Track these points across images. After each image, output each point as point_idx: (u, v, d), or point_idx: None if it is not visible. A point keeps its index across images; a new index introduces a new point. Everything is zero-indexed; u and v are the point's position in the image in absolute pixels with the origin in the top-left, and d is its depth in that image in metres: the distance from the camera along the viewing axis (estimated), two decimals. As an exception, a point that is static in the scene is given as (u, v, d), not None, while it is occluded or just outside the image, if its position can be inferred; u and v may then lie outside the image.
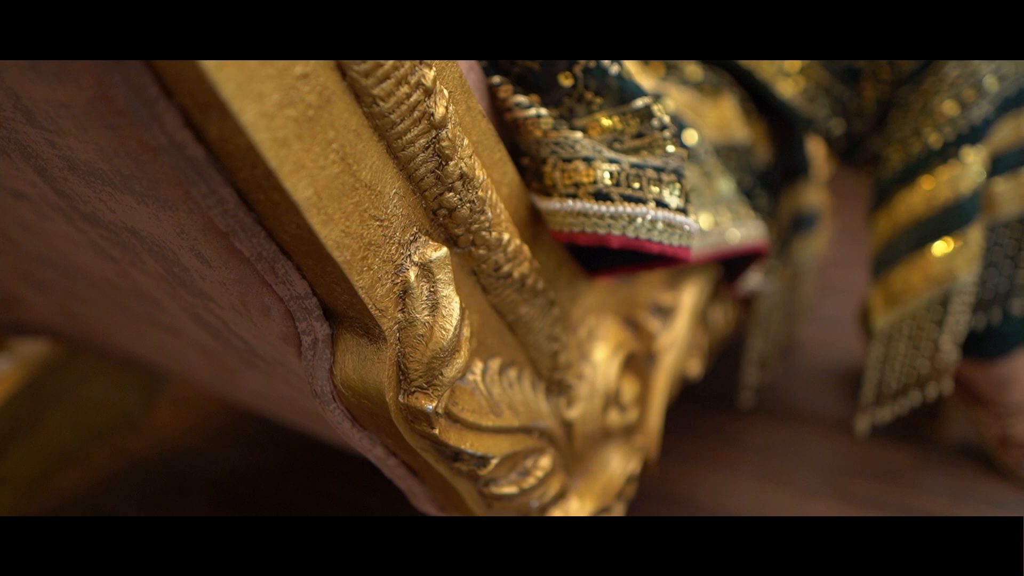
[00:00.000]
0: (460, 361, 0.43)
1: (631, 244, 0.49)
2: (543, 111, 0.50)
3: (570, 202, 0.49)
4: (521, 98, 0.50)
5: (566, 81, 0.50)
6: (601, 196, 0.48)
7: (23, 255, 0.64)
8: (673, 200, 0.49)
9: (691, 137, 0.82)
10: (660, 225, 0.49)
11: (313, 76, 0.33)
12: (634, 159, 0.49)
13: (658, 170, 0.49)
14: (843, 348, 1.19)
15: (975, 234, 0.80)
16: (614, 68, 0.50)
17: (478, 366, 0.49)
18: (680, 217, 0.50)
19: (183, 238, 0.40)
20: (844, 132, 0.91)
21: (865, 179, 0.95)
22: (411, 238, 0.41)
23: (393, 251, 0.40)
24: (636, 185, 0.48)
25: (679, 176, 0.50)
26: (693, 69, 0.92)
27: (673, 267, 0.55)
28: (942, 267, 0.82)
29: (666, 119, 0.50)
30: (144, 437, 1.06)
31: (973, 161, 0.78)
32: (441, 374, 0.42)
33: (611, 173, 0.48)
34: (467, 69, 0.49)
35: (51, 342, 0.94)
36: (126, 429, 1.03)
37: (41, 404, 0.92)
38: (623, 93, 0.50)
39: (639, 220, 0.48)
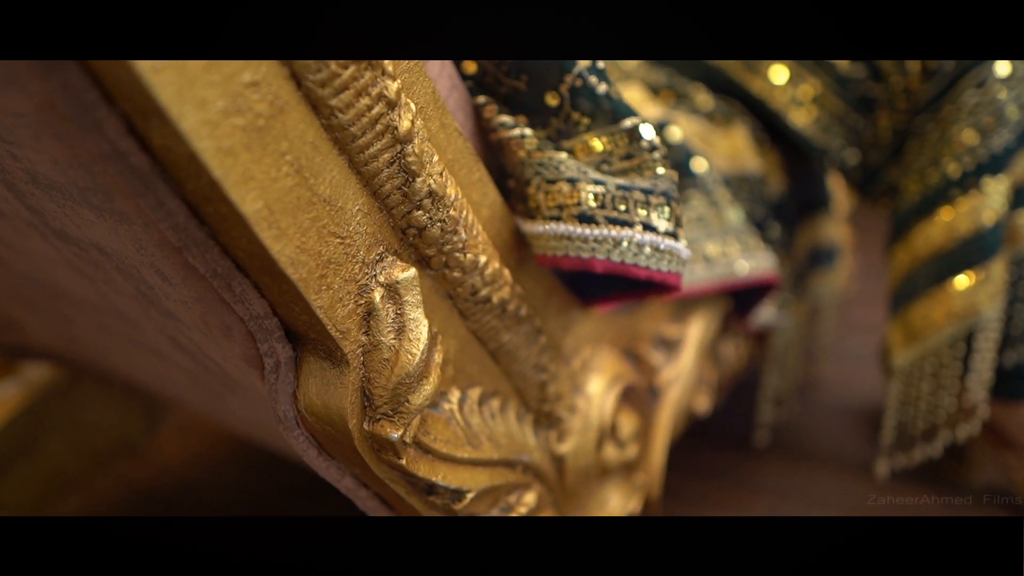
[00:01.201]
0: (428, 388, 0.41)
1: (616, 269, 0.47)
2: (527, 131, 0.48)
3: (553, 225, 0.47)
4: (506, 118, 0.49)
5: (552, 101, 0.49)
6: (585, 219, 0.46)
7: (11, 275, 0.64)
8: (662, 224, 0.47)
9: (700, 165, 0.80)
10: (647, 249, 0.47)
11: (264, 84, 0.32)
12: (621, 180, 0.47)
13: (646, 192, 0.47)
14: (865, 387, 1.14)
15: (998, 267, 0.76)
16: (602, 87, 0.48)
17: (455, 394, 0.47)
18: (669, 242, 0.48)
19: (142, 254, 0.38)
20: (859, 163, 0.89)
21: (884, 212, 0.92)
22: (377, 257, 0.39)
23: (356, 270, 0.38)
24: (622, 207, 0.46)
25: (669, 199, 0.48)
26: (704, 98, 0.91)
27: (665, 295, 0.53)
28: (964, 302, 0.78)
29: (656, 140, 0.48)
30: (145, 464, 1.05)
31: (994, 191, 0.75)
32: (407, 401, 0.40)
33: (596, 195, 0.46)
34: (450, 88, 0.47)
35: (54, 366, 0.94)
36: (127, 455, 1.01)
37: (41, 428, 0.91)
38: (611, 113, 0.48)
39: (624, 244, 0.46)
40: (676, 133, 0.80)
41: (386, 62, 0.35)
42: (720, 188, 0.81)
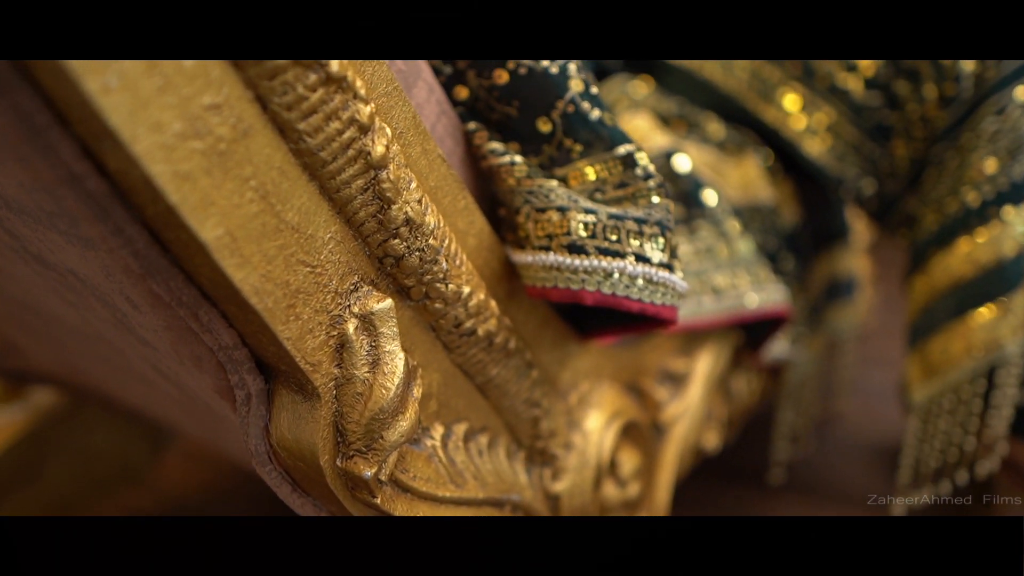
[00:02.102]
0: (404, 424, 0.39)
1: (607, 301, 0.45)
2: (517, 158, 0.47)
3: (542, 255, 0.45)
4: (496, 145, 0.47)
5: (544, 127, 0.47)
6: (575, 249, 0.44)
7: (7, 300, 0.63)
8: (655, 255, 0.45)
9: (710, 198, 0.78)
10: (640, 281, 0.45)
11: (226, 107, 0.31)
12: (614, 210, 0.46)
13: (639, 222, 0.45)
14: (886, 423, 1.11)
15: (1021, 300, 0.73)
16: (595, 113, 0.47)
17: (438, 430, 0.45)
18: (663, 273, 0.46)
19: (111, 280, 0.37)
20: (876, 192, 0.86)
21: (903, 243, 0.89)
22: (351, 287, 0.38)
23: (328, 300, 0.36)
24: (614, 237, 0.45)
25: (663, 229, 0.46)
26: (715, 127, 0.89)
27: (662, 329, 0.51)
28: (985, 336, 0.75)
29: (651, 168, 0.47)
30: (148, 492, 1.04)
31: (1016, 221, 0.72)
32: (382, 437, 0.38)
33: (586, 224, 0.44)
34: (438, 113, 0.46)
35: (58, 391, 0.93)
36: (129, 483, 1.00)
37: (42, 454, 0.91)
38: (605, 140, 0.47)
39: (616, 275, 0.44)
40: (684, 163, 0.78)
41: (358, 85, 0.34)
42: (730, 219, 0.79)
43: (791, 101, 0.87)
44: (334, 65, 0.32)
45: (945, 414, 0.80)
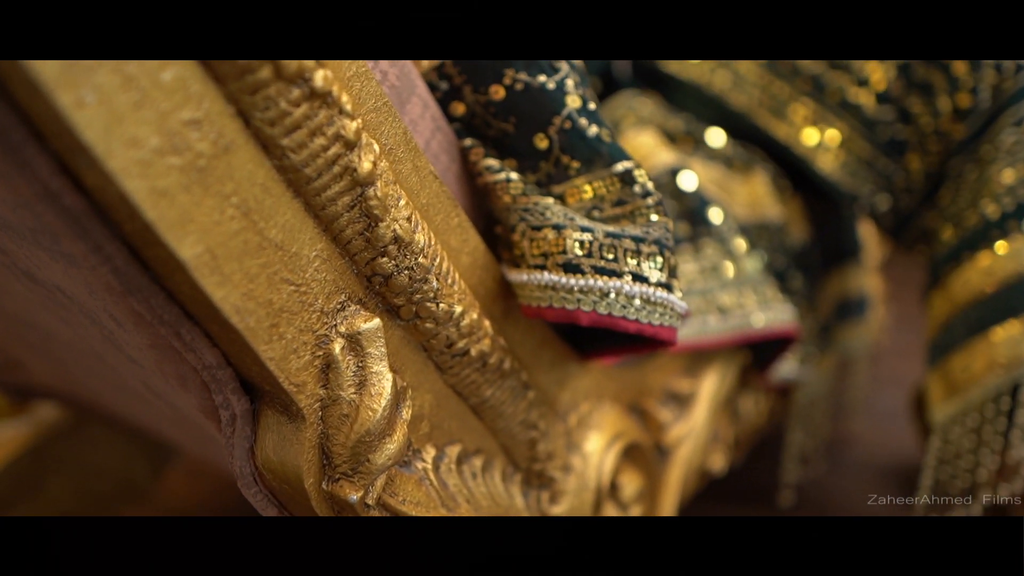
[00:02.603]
0: (392, 447, 0.38)
1: (603, 322, 0.44)
2: (513, 175, 0.46)
3: (537, 274, 0.44)
4: (492, 161, 0.47)
5: (541, 143, 0.46)
6: (571, 268, 0.43)
7: (7, 316, 0.63)
8: (653, 274, 0.44)
9: (716, 216, 0.77)
10: (637, 301, 0.44)
11: (207, 123, 0.30)
12: (611, 228, 0.45)
13: (637, 240, 0.44)
14: (899, 444, 1.08)
15: (1044, 314, 0.71)
16: (592, 130, 0.46)
17: (430, 452, 0.44)
18: (662, 293, 0.44)
19: (94, 298, 0.37)
20: (890, 208, 0.85)
21: (919, 261, 0.88)
22: (338, 306, 0.37)
23: (313, 320, 0.36)
24: (610, 256, 0.44)
25: (662, 247, 0.45)
26: (723, 144, 0.88)
27: (662, 350, 0.50)
28: (1008, 352, 0.73)
29: (649, 185, 0.46)
30: (149, 508, 1.03)
31: None
32: (368, 460, 0.37)
33: (582, 242, 0.43)
34: (433, 130, 0.46)
35: (60, 407, 0.93)
36: (131, 499, 1.00)
37: (43, 469, 0.90)
38: (602, 156, 0.46)
39: (612, 295, 0.43)
40: (690, 180, 0.77)
41: (344, 100, 0.33)
42: (736, 237, 0.77)
43: (802, 117, 0.86)
44: (318, 80, 0.32)
45: (968, 433, 0.77)
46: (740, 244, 0.77)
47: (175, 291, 0.33)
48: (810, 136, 0.85)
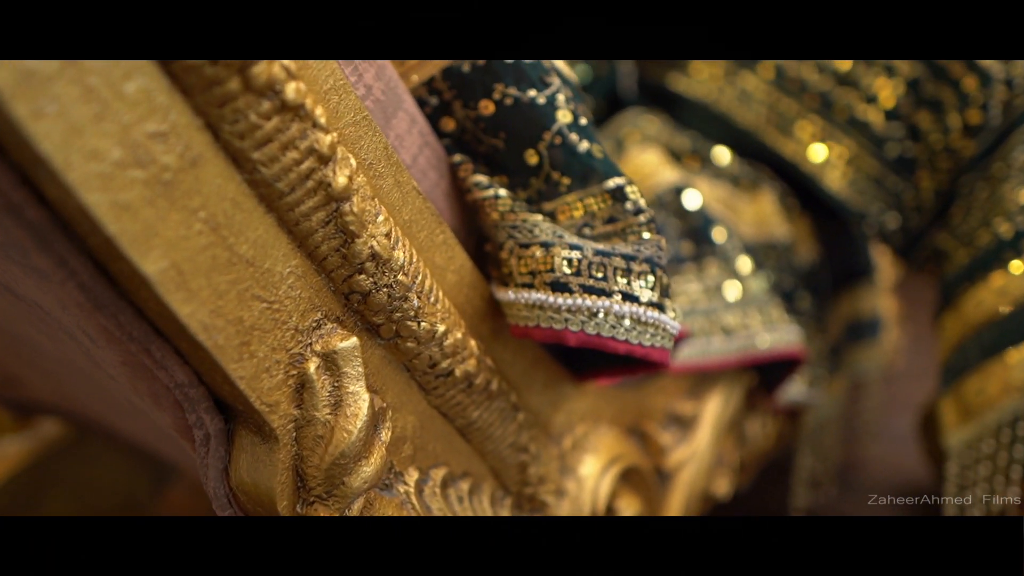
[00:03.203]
0: (369, 469, 0.37)
1: (591, 342, 0.42)
2: (502, 192, 0.45)
3: (525, 292, 0.43)
4: (480, 178, 0.46)
5: (531, 159, 0.45)
6: (558, 286, 0.42)
7: (1, 331, 0.63)
8: (644, 293, 0.43)
9: (720, 235, 0.75)
10: (627, 322, 0.43)
11: (173, 135, 0.29)
12: (601, 246, 0.43)
13: (627, 259, 0.43)
14: (911, 469, 1.06)
15: (1059, 338, 0.69)
16: (583, 145, 0.45)
17: (412, 475, 0.43)
18: (653, 313, 0.43)
19: (67, 313, 0.36)
20: (900, 227, 0.83)
21: (932, 281, 0.86)
22: (314, 324, 0.36)
23: (287, 338, 0.35)
24: (599, 275, 0.42)
25: (653, 266, 0.43)
26: (729, 162, 0.87)
27: (656, 371, 0.48)
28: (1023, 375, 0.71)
29: (642, 202, 0.45)
30: (150, 526, 1.03)
31: None
32: (343, 483, 0.36)
33: (570, 260, 0.42)
34: (420, 145, 0.45)
35: (62, 423, 0.93)
36: (131, 516, 0.99)
37: (43, 485, 0.90)
38: (593, 172, 0.45)
39: (601, 315, 0.42)
40: (694, 198, 0.76)
41: (318, 113, 0.32)
42: (741, 256, 0.76)
43: (810, 134, 0.84)
44: (289, 92, 0.31)
45: (985, 459, 0.75)
46: (745, 263, 0.76)
47: (143, 307, 0.32)
48: (818, 153, 0.83)
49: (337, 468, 0.36)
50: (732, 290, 0.74)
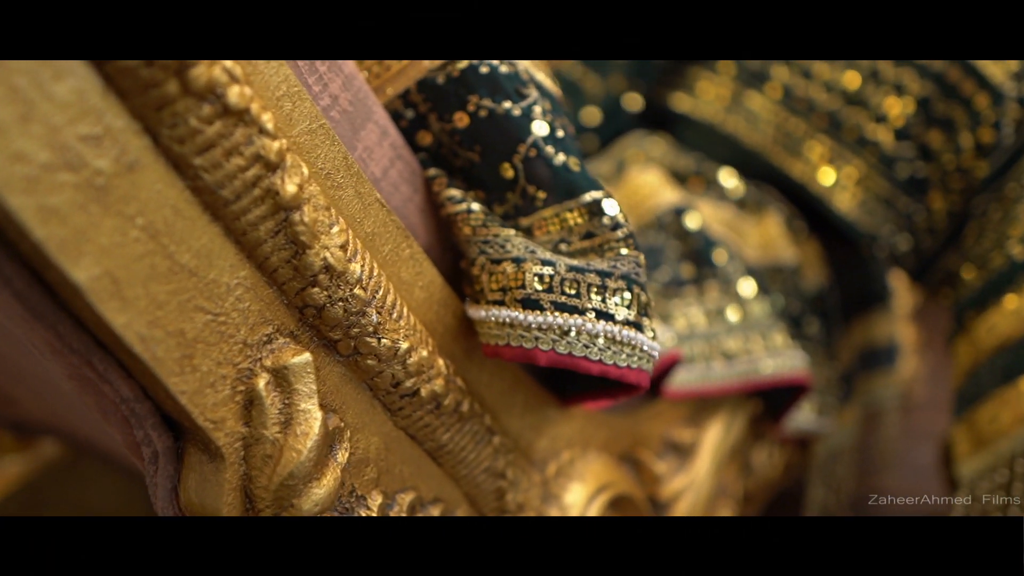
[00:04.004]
0: (320, 492, 0.35)
1: (563, 362, 0.40)
2: (475, 206, 0.44)
3: (496, 310, 0.41)
4: (454, 192, 0.45)
5: (507, 173, 0.44)
6: (529, 303, 0.41)
7: (-13, 347, 0.63)
8: (620, 311, 0.41)
9: (720, 257, 0.73)
10: (600, 341, 0.41)
11: (107, 139, 0.28)
12: (575, 262, 0.42)
13: (603, 275, 0.41)
14: (933, 502, 1.01)
15: (1075, 365, 0.66)
16: (559, 158, 0.43)
17: (376, 500, 0.41)
18: (629, 332, 0.41)
19: (11, 321, 0.35)
20: (911, 249, 0.80)
21: (944, 304, 0.83)
22: (264, 339, 0.34)
23: (235, 352, 0.33)
24: (571, 291, 0.41)
25: (630, 283, 0.42)
26: (734, 184, 0.85)
27: (636, 394, 0.46)
28: None
29: (620, 217, 0.43)
30: (147, 549, 1.01)
31: None
32: (292, 505, 0.35)
33: (542, 276, 0.41)
34: (392, 158, 0.44)
35: (59, 443, 0.92)
36: (128, 539, 0.98)
37: (38, 506, 0.89)
38: (570, 186, 0.43)
39: (572, 333, 0.40)
40: (694, 219, 0.74)
41: (264, 119, 0.31)
42: (743, 279, 0.74)
43: (818, 155, 0.82)
44: (232, 96, 0.30)
45: (998, 490, 0.71)
46: (747, 286, 0.73)
47: (81, 317, 0.31)
48: (826, 175, 0.81)
49: (286, 489, 0.34)
50: (734, 313, 0.72)
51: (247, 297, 0.34)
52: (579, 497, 0.54)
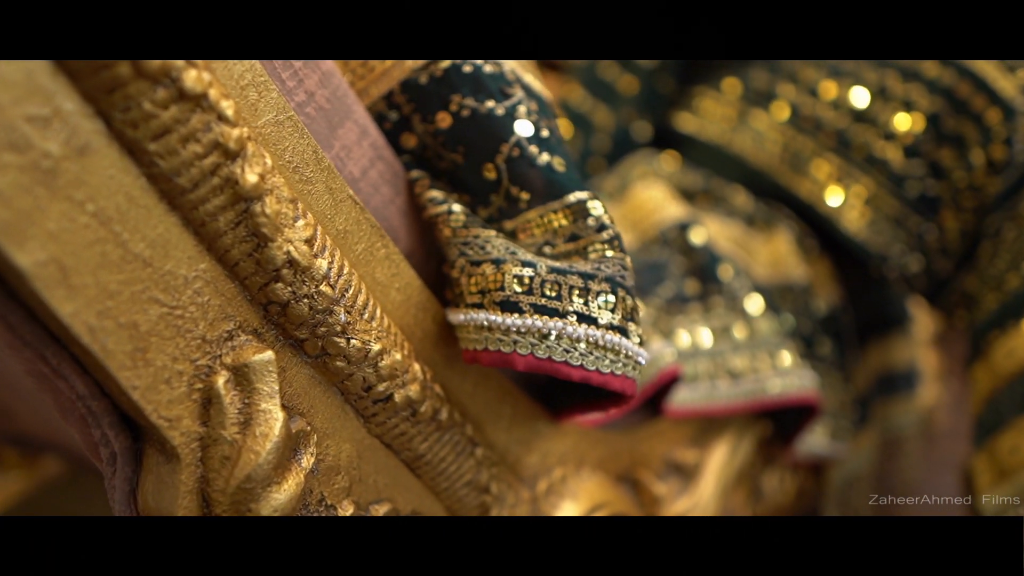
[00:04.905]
0: (281, 497, 0.34)
1: (542, 367, 0.39)
2: (456, 207, 0.42)
3: (474, 313, 0.40)
4: (435, 193, 0.43)
5: (489, 174, 0.43)
6: (508, 306, 0.39)
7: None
8: (603, 315, 0.39)
9: (726, 272, 0.71)
10: (582, 345, 0.39)
11: (57, 120, 0.28)
12: (557, 263, 0.40)
13: (586, 277, 0.40)
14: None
15: (1096, 392, 0.63)
16: (543, 158, 0.42)
17: (348, 509, 0.39)
18: (613, 337, 0.39)
19: (-27, 321, 0.34)
20: (924, 269, 0.77)
21: (961, 327, 0.80)
22: (225, 335, 0.33)
23: (192, 348, 0.32)
24: (552, 293, 0.39)
25: (615, 285, 0.40)
26: (743, 201, 0.83)
27: (624, 404, 0.44)
28: None
29: (606, 218, 0.42)
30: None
31: None
32: (249, 510, 0.33)
33: (521, 278, 0.39)
34: (372, 158, 0.43)
35: (60, 459, 0.92)
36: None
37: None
38: (553, 186, 0.42)
39: (552, 337, 0.39)
40: (699, 234, 0.72)
41: (223, 106, 0.30)
42: (751, 295, 0.72)
43: (826, 174, 0.80)
44: (188, 80, 0.29)
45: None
46: (754, 303, 0.71)
47: (31, 307, 0.30)
48: (834, 194, 0.79)
49: (243, 493, 0.33)
50: (740, 331, 0.70)
51: (207, 291, 0.32)
52: (571, 515, 0.52)
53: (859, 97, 0.78)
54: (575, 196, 0.42)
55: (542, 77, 0.50)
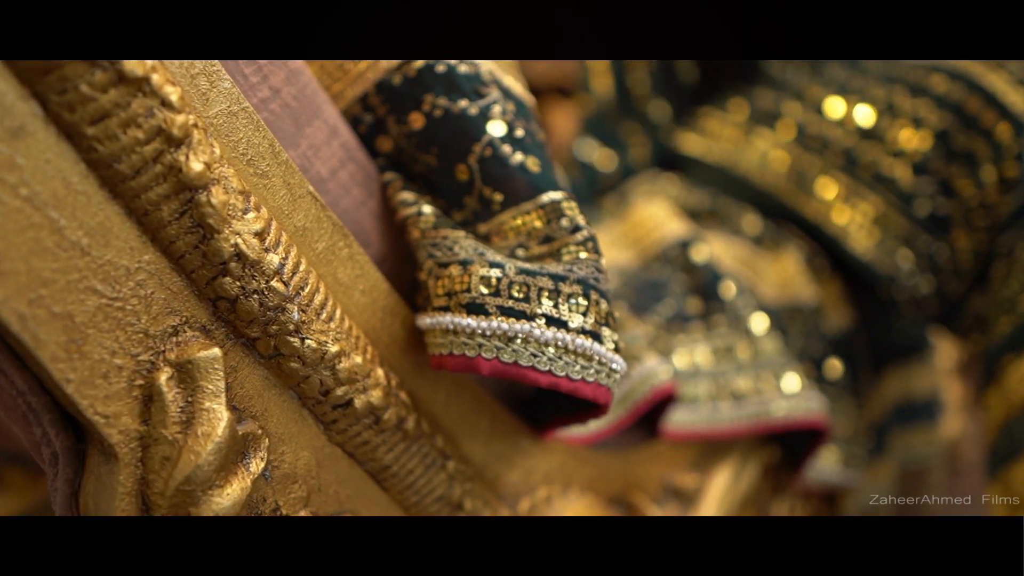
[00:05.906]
0: (225, 501, 0.32)
1: (507, 372, 0.37)
2: (426, 208, 0.41)
3: (440, 316, 0.38)
4: (406, 195, 0.42)
5: (462, 175, 0.42)
6: (474, 308, 0.37)
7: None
8: (574, 319, 0.38)
9: (728, 290, 0.69)
10: (551, 350, 0.37)
11: (-12, 102, 0.27)
12: (527, 265, 0.39)
13: (556, 279, 0.38)
14: None
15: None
16: (516, 157, 0.41)
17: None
18: (584, 342, 0.38)
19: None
20: (934, 291, 0.74)
21: (974, 350, 0.76)
22: (169, 331, 0.32)
23: (133, 342, 0.31)
24: (519, 295, 0.37)
25: (587, 288, 0.38)
26: (751, 220, 0.81)
27: (596, 414, 0.42)
28: None
29: (580, 219, 0.40)
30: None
31: None
32: (189, 514, 0.32)
33: (488, 279, 0.38)
34: (343, 159, 0.42)
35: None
36: None
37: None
38: (527, 186, 0.41)
39: (519, 340, 0.37)
40: (701, 252, 0.70)
41: (167, 91, 0.29)
42: (755, 314, 0.69)
43: (834, 193, 0.78)
44: (128, 64, 0.28)
45: None
46: (759, 322, 0.69)
47: (-36, 297, 0.29)
48: (842, 213, 0.77)
49: (182, 495, 0.31)
50: (744, 351, 0.67)
51: (150, 283, 0.31)
52: (554, 538, 0.49)
53: (866, 114, 0.76)
54: (549, 196, 0.40)
55: (531, 86, 0.49)
